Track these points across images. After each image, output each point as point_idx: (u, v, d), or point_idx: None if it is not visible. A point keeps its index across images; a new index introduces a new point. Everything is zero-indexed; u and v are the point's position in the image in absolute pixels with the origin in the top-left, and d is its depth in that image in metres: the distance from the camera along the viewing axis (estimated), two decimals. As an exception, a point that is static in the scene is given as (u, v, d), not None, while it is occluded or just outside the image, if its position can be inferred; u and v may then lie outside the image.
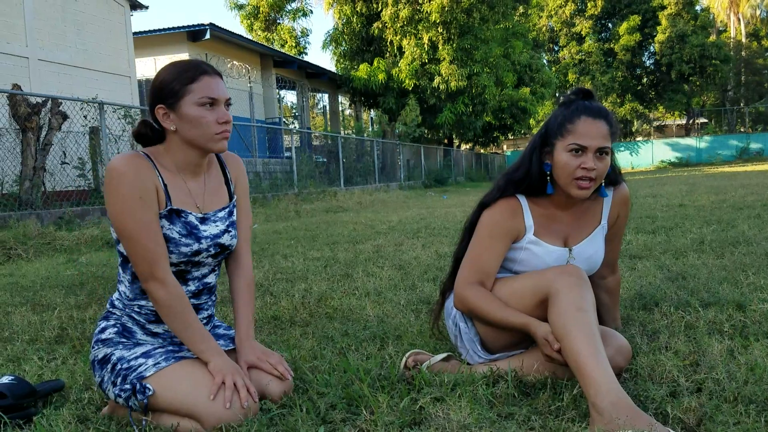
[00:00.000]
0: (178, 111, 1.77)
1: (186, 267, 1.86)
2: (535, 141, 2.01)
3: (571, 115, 1.91)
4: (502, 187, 2.05)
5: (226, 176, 2.00)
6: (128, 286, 1.87)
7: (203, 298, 1.95)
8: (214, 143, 1.80)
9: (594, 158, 1.88)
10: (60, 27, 12.14)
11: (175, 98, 1.76)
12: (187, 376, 1.72)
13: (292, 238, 6.72)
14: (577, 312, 1.70)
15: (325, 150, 19.71)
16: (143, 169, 1.76)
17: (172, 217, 1.82)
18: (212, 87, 1.77)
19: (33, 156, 8.69)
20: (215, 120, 1.77)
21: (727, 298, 2.71)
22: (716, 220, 5.86)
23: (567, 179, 1.91)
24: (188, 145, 1.82)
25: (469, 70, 23.15)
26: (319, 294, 3.50)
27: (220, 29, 17.11)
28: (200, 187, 1.91)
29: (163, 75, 1.79)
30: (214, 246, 1.89)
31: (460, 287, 2.00)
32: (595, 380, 1.58)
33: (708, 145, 38.78)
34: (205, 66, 1.80)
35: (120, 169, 1.73)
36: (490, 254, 2.00)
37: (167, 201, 1.81)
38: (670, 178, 18.71)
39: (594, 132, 1.87)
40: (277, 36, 29.17)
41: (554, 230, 2.04)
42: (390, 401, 1.74)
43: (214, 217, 1.91)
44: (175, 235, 1.81)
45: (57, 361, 2.49)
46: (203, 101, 1.76)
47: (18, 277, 4.87)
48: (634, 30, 39.20)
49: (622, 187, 2.14)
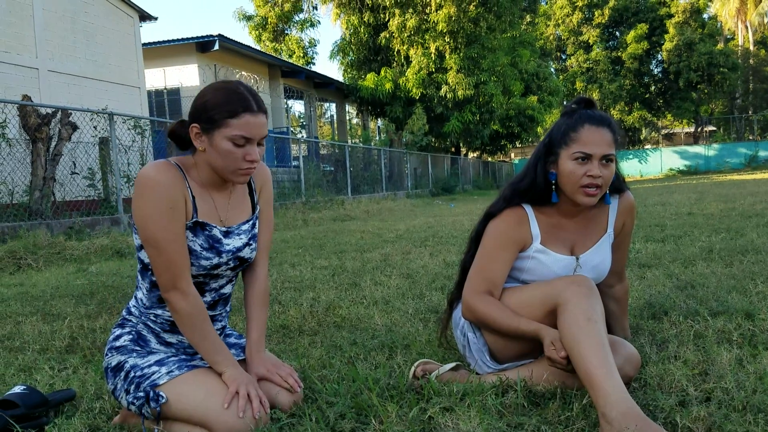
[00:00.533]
0: (210, 137, 1.74)
1: (204, 279, 1.88)
2: (539, 151, 2.02)
3: (575, 124, 1.93)
4: (508, 197, 2.06)
5: (250, 186, 2.00)
6: (146, 294, 1.88)
7: (218, 309, 1.96)
8: (235, 177, 1.79)
9: (599, 165, 1.89)
10: (70, 38, 12.25)
11: (211, 125, 1.73)
12: (200, 385, 1.73)
13: (300, 247, 6.73)
14: (586, 322, 1.71)
15: (333, 159, 19.75)
16: (175, 179, 1.76)
17: (196, 230, 1.82)
18: (251, 127, 1.73)
19: (43, 166, 8.75)
20: (243, 156, 1.74)
21: (736, 306, 2.70)
22: (725, 228, 5.84)
23: (573, 187, 1.92)
24: (213, 169, 1.81)
25: (476, 78, 23.20)
26: (327, 303, 3.50)
27: (228, 40, 17.22)
28: (225, 200, 1.91)
29: (209, 97, 1.75)
30: (233, 259, 1.90)
31: (469, 297, 2.00)
32: (604, 390, 1.58)
33: (716, 153, 38.63)
34: (252, 102, 1.74)
35: (153, 177, 1.73)
36: (497, 264, 2.01)
37: (194, 213, 1.81)
38: (679, 186, 18.64)
39: (598, 139, 1.88)
40: (285, 46, 29.35)
41: (561, 239, 2.04)
42: (399, 411, 1.75)
43: (238, 230, 1.91)
44: (197, 247, 1.82)
45: (68, 370, 2.50)
46: (237, 141, 1.73)
47: (28, 286, 4.90)
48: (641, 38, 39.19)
49: (627, 195, 2.15)
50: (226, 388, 1.74)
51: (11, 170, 8.80)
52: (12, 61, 10.94)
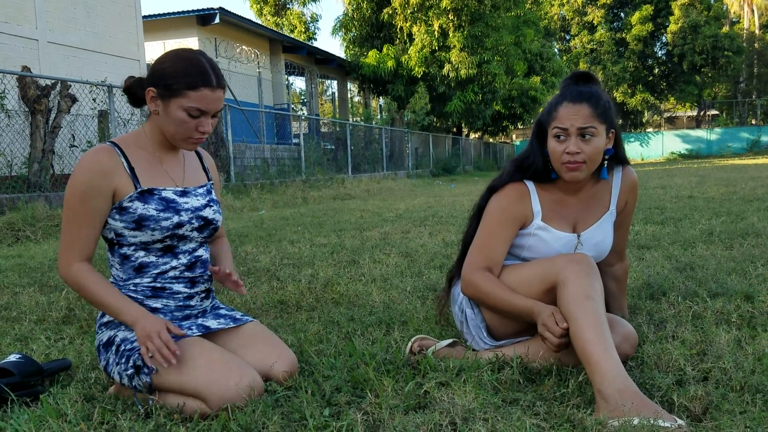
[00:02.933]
0: (166, 104, 1.78)
1: (172, 242, 1.88)
2: (534, 129, 2.04)
3: (556, 102, 1.94)
4: (511, 172, 2.05)
5: (202, 163, 2.07)
6: (119, 268, 1.89)
7: (197, 272, 1.95)
8: (184, 144, 1.85)
9: (577, 141, 1.87)
10: (70, 10, 12.13)
11: (168, 93, 1.76)
12: (188, 357, 1.72)
13: (299, 225, 6.73)
14: (585, 300, 1.70)
15: (334, 137, 19.68)
16: (101, 165, 1.79)
17: (144, 197, 1.83)
18: (207, 101, 1.77)
19: (42, 138, 8.71)
20: (195, 127, 1.79)
21: (735, 288, 2.70)
22: (725, 211, 5.82)
23: (557, 164, 1.93)
24: (161, 131, 1.86)
25: (479, 58, 23.03)
26: (326, 280, 3.50)
27: (229, 14, 17.07)
28: (178, 163, 1.96)
29: (169, 64, 1.78)
30: (196, 218, 1.91)
31: (468, 272, 1.99)
32: (601, 367, 1.57)
33: (719, 137, 38.53)
34: (212, 77, 1.78)
35: (82, 163, 1.79)
36: (497, 240, 2.00)
37: (136, 184, 1.83)
38: (680, 169, 18.61)
39: (573, 114, 1.87)
40: (287, 21, 29.10)
41: (563, 216, 2.03)
42: (395, 385, 1.75)
43: (195, 192, 1.95)
44: (152, 212, 1.83)
45: (64, 341, 2.50)
46: (191, 112, 1.77)
47: (26, 258, 4.90)
48: (646, 20, 38.87)
49: (630, 173, 2.13)
50: (217, 358, 1.72)
51: (10, 142, 8.76)
52: (11, 32, 10.83)
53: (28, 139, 8.81)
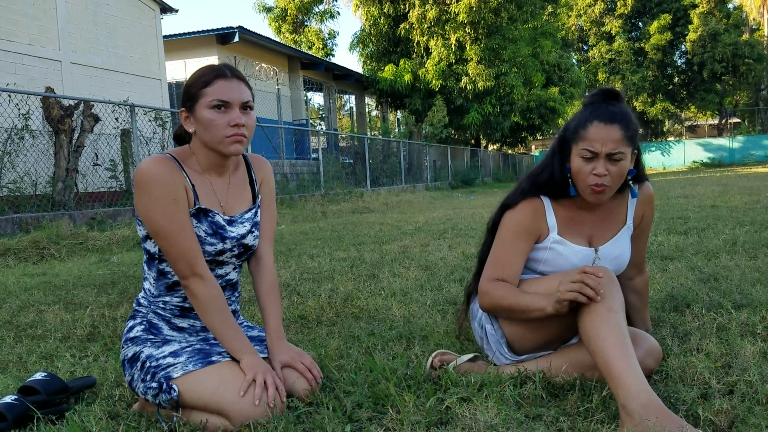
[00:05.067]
0: (195, 114, 1.80)
1: (210, 266, 1.89)
2: (555, 144, 2.01)
3: (585, 121, 1.89)
4: (526, 189, 2.03)
5: (251, 177, 2.02)
6: (153, 284, 1.90)
7: (227, 294, 1.97)
8: (225, 146, 1.80)
9: (606, 163, 1.85)
10: (92, 31, 12.36)
11: (192, 101, 1.80)
12: (214, 375, 1.73)
13: (319, 239, 6.75)
14: (606, 313, 1.68)
15: (352, 151, 19.76)
16: (172, 170, 1.80)
17: (199, 216, 1.85)
18: (225, 90, 1.78)
19: (66, 157, 8.86)
20: (226, 123, 1.77)
21: (760, 299, 2.66)
22: (749, 221, 5.74)
23: (582, 185, 1.90)
24: (207, 147, 1.84)
25: (496, 70, 23.04)
26: (346, 294, 3.50)
27: (248, 32, 17.27)
28: (224, 187, 1.93)
29: (188, 79, 1.85)
30: (237, 246, 1.92)
31: (483, 284, 1.99)
32: (624, 382, 1.56)
33: (741, 146, 38.05)
34: (225, 69, 1.81)
35: (151, 171, 1.76)
36: (513, 254, 1.99)
37: (195, 200, 1.84)
38: (702, 178, 18.40)
39: (605, 137, 1.84)
40: (305, 38, 29.35)
41: (578, 231, 2.02)
42: (416, 401, 1.74)
43: (241, 219, 1.94)
44: (201, 233, 1.84)
45: (89, 358, 2.53)
46: (214, 104, 1.77)
47: (51, 276, 4.97)
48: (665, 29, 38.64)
49: (646, 187, 2.12)
50: (242, 376, 1.74)
51: (35, 161, 8.91)
52: (36, 54, 11.06)
53: (53, 159, 8.97)
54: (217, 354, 1.83)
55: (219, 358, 1.81)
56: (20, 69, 10.66)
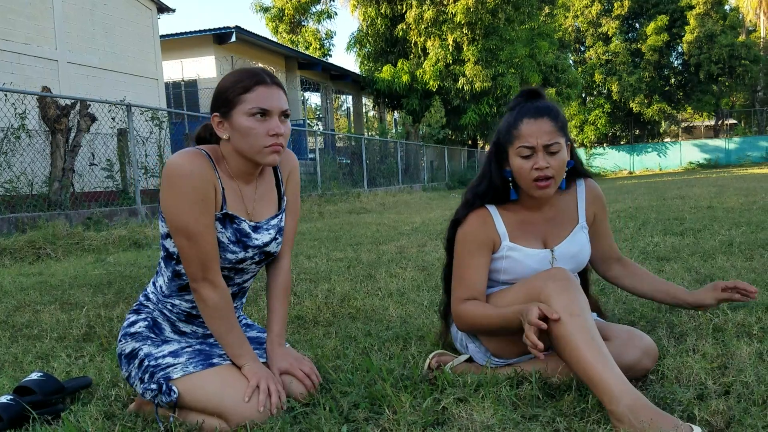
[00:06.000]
0: (230, 120, 1.73)
1: (229, 273, 1.87)
2: (491, 151, 2.03)
3: (514, 121, 1.93)
4: (470, 201, 2.05)
5: (277, 176, 1.97)
6: (167, 282, 1.87)
7: (236, 301, 1.97)
8: (263, 156, 1.75)
9: (544, 156, 1.88)
10: (89, 30, 12.34)
11: (228, 107, 1.73)
12: (215, 378, 1.73)
13: (316, 239, 6.74)
14: (570, 318, 1.66)
15: (349, 151, 19.75)
16: (206, 168, 1.73)
17: (225, 222, 1.80)
18: (266, 97, 1.72)
19: (62, 157, 8.84)
20: (266, 132, 1.72)
21: (756, 300, 2.66)
22: (745, 222, 5.76)
23: (526, 182, 1.92)
24: (240, 155, 1.78)
25: (494, 70, 23.06)
26: (342, 294, 3.50)
27: (245, 32, 17.26)
28: (252, 193, 1.88)
29: (223, 83, 1.76)
30: (259, 254, 1.89)
31: (454, 308, 2.00)
32: (605, 386, 1.54)
33: (737, 147, 38.13)
34: (264, 75, 1.75)
35: (184, 167, 1.69)
36: (473, 270, 1.99)
37: (223, 204, 1.79)
38: (699, 179, 18.44)
39: (537, 131, 1.87)
40: (302, 38, 29.35)
41: (531, 233, 2.02)
42: (413, 401, 1.74)
43: (267, 225, 1.90)
44: (224, 240, 1.80)
45: (84, 358, 2.52)
46: (254, 111, 1.71)
47: (47, 276, 4.96)
48: (661, 30, 38.68)
49: (592, 185, 2.12)
50: (242, 379, 1.74)
51: (31, 161, 8.89)
52: (32, 53, 11.04)
53: (49, 158, 8.96)
54: (218, 356, 1.82)
55: (220, 360, 1.80)
56: (17, 68, 10.64)
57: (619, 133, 43.51)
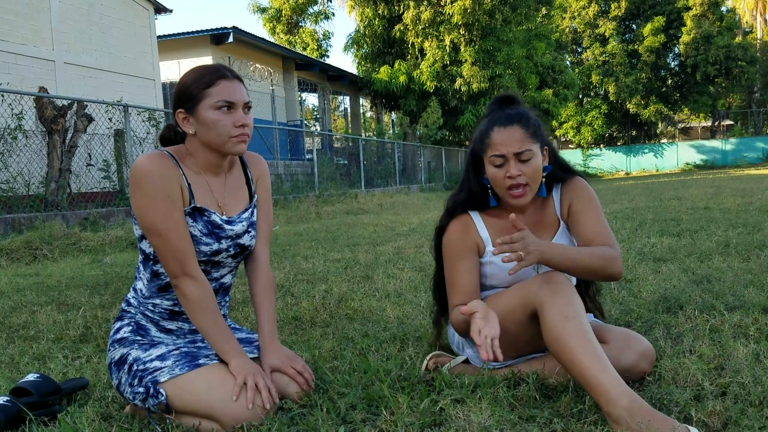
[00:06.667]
0: (196, 115, 1.79)
1: (206, 267, 1.88)
2: (468, 159, 2.04)
3: (486, 129, 1.94)
4: (451, 208, 2.07)
5: (247, 176, 2.01)
6: (146, 284, 1.89)
7: (218, 298, 1.96)
8: (232, 146, 1.81)
9: (516, 164, 1.88)
10: (86, 31, 12.32)
11: (193, 102, 1.79)
12: (201, 379, 1.72)
13: (313, 240, 6.74)
14: (566, 322, 1.66)
15: (346, 152, 19.74)
16: (169, 167, 1.78)
17: (195, 215, 1.84)
18: (229, 91, 1.79)
19: (59, 158, 8.82)
20: (232, 123, 1.79)
21: (752, 301, 2.67)
22: (742, 223, 5.77)
23: (501, 191, 1.93)
24: (207, 147, 1.84)
25: (491, 71, 23.07)
26: (340, 295, 3.50)
27: (243, 32, 17.24)
28: (221, 187, 1.92)
29: (184, 80, 1.82)
30: (233, 246, 1.90)
31: (451, 315, 1.99)
32: (601, 388, 1.55)
33: (734, 148, 38.20)
34: (225, 70, 1.82)
35: (146, 168, 1.75)
36: (463, 275, 1.99)
37: (191, 199, 1.83)
38: (695, 180, 18.47)
39: (506, 139, 1.88)
40: (299, 39, 29.31)
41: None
42: (410, 402, 1.74)
43: (239, 218, 1.93)
44: (196, 233, 1.83)
45: (81, 359, 2.52)
46: (219, 104, 1.77)
47: (44, 276, 4.95)
48: (658, 31, 38.73)
49: (569, 183, 2.05)
50: (230, 377, 1.73)
51: (28, 161, 8.87)
52: (29, 54, 11.01)
53: (45, 159, 8.93)
54: (204, 357, 1.82)
55: (206, 360, 1.80)
56: (13, 69, 10.62)
57: (615, 134, 43.53)
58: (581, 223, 1.98)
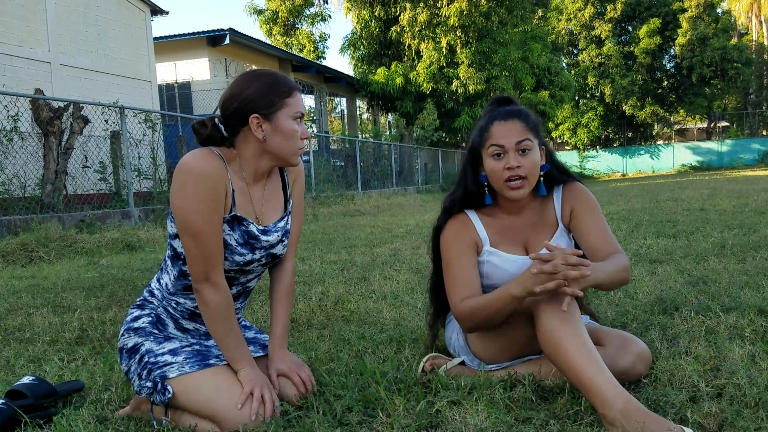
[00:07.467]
0: (273, 122, 1.76)
1: (235, 275, 1.87)
2: (466, 157, 2.05)
3: (486, 125, 1.97)
4: (448, 207, 2.07)
5: (284, 179, 1.99)
6: (172, 281, 1.87)
7: (239, 302, 1.97)
8: (295, 157, 1.84)
9: (516, 156, 1.90)
10: (82, 32, 12.30)
11: (272, 109, 1.76)
12: (209, 381, 1.73)
13: (310, 242, 6.74)
14: (561, 324, 1.66)
15: (343, 154, 19.75)
16: (219, 170, 1.74)
17: (233, 224, 1.80)
18: (300, 104, 1.82)
19: (55, 160, 8.81)
20: (300, 135, 1.81)
21: (748, 302, 2.67)
22: (738, 224, 5.78)
23: (499, 184, 1.94)
24: (270, 155, 1.81)
25: (487, 73, 23.11)
26: (336, 297, 3.50)
27: (239, 34, 17.24)
28: (260, 195, 1.89)
29: (255, 87, 1.76)
30: (266, 256, 1.89)
31: (456, 309, 1.94)
32: (596, 389, 1.55)
33: (729, 149, 38.30)
34: (293, 81, 1.84)
35: (196, 167, 1.70)
36: (464, 269, 1.98)
37: (232, 206, 1.79)
38: (691, 182, 18.51)
39: (507, 131, 1.91)
40: (296, 41, 29.31)
41: (511, 239, 2.01)
42: (406, 404, 1.74)
43: (274, 227, 1.91)
44: (232, 242, 1.80)
45: (77, 362, 2.52)
46: (297, 116, 1.79)
47: (39, 279, 4.93)
48: (654, 33, 38.82)
49: (571, 186, 2.06)
50: (237, 384, 1.74)
51: (24, 163, 8.85)
52: (24, 55, 10.99)
53: (42, 161, 8.92)
54: (215, 357, 1.83)
55: (216, 361, 1.81)
56: (9, 70, 10.59)
57: (611, 136, 43.62)
58: (587, 230, 1.99)
